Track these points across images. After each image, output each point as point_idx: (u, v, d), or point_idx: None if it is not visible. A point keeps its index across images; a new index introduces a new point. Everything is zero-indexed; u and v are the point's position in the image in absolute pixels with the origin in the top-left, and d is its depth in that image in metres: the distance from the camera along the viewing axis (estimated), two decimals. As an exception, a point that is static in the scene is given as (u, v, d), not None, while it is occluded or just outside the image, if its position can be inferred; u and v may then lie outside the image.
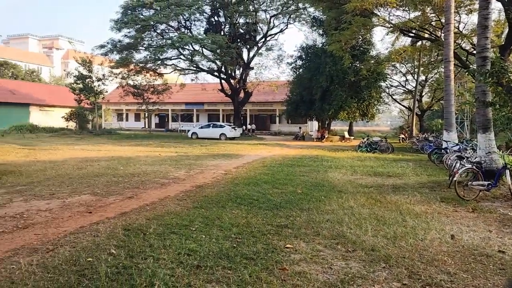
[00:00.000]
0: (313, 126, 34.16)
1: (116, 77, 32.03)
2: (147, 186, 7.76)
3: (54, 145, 17.85)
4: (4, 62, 55.83)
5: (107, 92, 35.22)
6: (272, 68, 64.53)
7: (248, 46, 32.22)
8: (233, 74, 33.07)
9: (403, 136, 28.84)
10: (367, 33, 22.18)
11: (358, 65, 24.86)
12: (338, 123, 58.41)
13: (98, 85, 30.86)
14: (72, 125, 32.63)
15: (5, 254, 3.69)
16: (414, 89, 30.08)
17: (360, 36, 22.04)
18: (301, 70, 28.45)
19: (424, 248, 4.15)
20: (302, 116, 30.44)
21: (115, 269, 3.33)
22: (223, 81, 32.96)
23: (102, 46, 29.50)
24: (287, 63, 30.69)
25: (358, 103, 26.42)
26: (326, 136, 28.29)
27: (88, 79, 30.11)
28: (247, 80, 33.53)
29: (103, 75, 31.18)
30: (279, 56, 32.61)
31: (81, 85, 30.21)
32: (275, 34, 32.53)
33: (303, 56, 28.48)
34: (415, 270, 3.54)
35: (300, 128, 33.77)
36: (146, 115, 38.96)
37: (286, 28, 31.88)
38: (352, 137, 30.15)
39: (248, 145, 21.11)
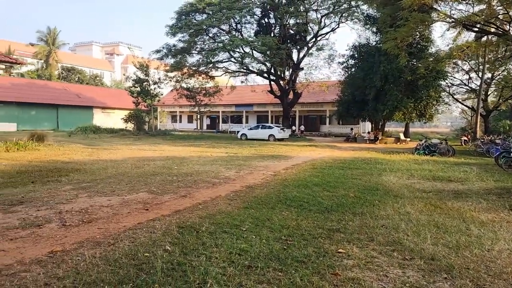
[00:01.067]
0: (365, 127, 33.07)
1: (170, 80, 33.53)
2: (199, 185, 7.98)
3: (114, 145, 19.05)
4: (71, 68, 60.90)
5: (162, 95, 37.00)
6: (323, 68, 63.69)
7: (298, 47, 32.01)
8: (282, 75, 33.06)
9: (465, 138, 26.85)
10: (426, 29, 21.00)
11: (415, 63, 23.63)
12: (393, 124, 55.95)
13: (154, 88, 32.48)
14: (130, 126, 34.65)
15: (72, 246, 3.98)
16: (478, 87, 27.89)
17: (417, 33, 20.96)
18: (353, 69, 27.69)
19: (492, 259, 3.81)
20: (354, 117, 29.61)
21: (170, 265, 3.45)
22: (272, 82, 33.08)
23: (158, 51, 31.01)
24: (339, 62, 30.00)
25: (415, 103, 25.10)
26: (379, 138, 27.22)
27: (145, 83, 31.81)
28: (297, 81, 33.33)
29: (159, 78, 32.76)
30: (330, 56, 32.03)
31: (138, 89, 32.02)
32: (326, 33, 32.01)
33: (356, 55, 27.69)
34: (481, 283, 3.25)
35: (351, 129, 32.85)
36: (198, 117, 40.28)
37: (338, 27, 31.24)
38: (408, 139, 28.72)
39: (297, 147, 20.95)
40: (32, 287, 2.94)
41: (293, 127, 37.55)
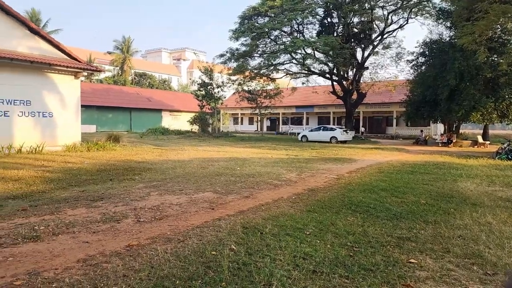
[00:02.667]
0: (437, 129, 30.86)
1: (233, 83, 34.42)
2: (261, 186, 8.07)
3: (181, 146, 20.05)
4: (143, 73, 65.50)
5: (225, 98, 38.11)
6: (389, 67, 60.67)
7: (363, 46, 30.92)
8: (345, 75, 32.18)
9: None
10: (508, 22, 18.96)
11: (495, 59, 21.46)
12: (469, 126, 51.41)
13: (218, 92, 33.59)
14: (195, 128, 36.21)
15: (146, 241, 4.25)
16: None
17: (498, 26, 19.00)
18: (423, 67, 25.99)
19: None
20: (424, 118, 27.75)
21: (236, 265, 3.52)
22: (334, 83, 32.34)
23: (221, 55, 32.03)
24: (407, 60, 28.31)
25: (496, 102, 22.79)
26: (453, 141, 25.19)
27: (209, 86, 33.04)
28: (361, 81, 32.20)
29: (222, 82, 33.81)
30: (398, 54, 30.43)
31: (203, 92, 33.35)
32: (393, 30, 30.48)
33: (427, 52, 25.94)
34: None
35: (422, 131, 30.81)
36: (259, 119, 40.82)
37: (406, 23, 29.56)
38: (488, 142, 26.16)
39: (361, 149, 20.21)
40: (112, 277, 3.20)
41: (362, 129, 36.31)
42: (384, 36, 30.59)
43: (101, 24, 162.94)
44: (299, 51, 29.27)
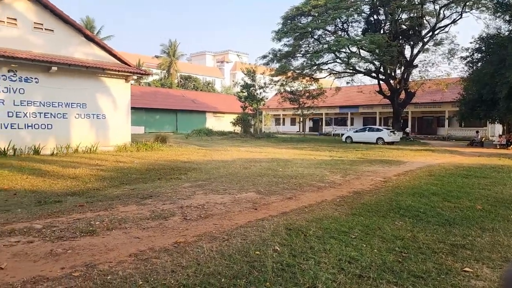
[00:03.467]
0: (495, 130, 28.80)
1: (275, 84, 34.44)
2: (304, 188, 7.99)
3: (224, 147, 20.42)
4: (188, 76, 67.59)
5: (267, 99, 38.27)
6: (441, 65, 57.44)
7: (412, 43, 29.59)
8: (393, 74, 30.98)
9: None
10: None
11: None
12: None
13: (260, 93, 33.81)
14: (238, 129, 36.72)
15: (192, 238, 4.38)
16: None
17: None
18: (479, 64, 24.32)
19: None
20: (480, 119, 25.98)
21: (279, 266, 3.52)
22: (381, 82, 31.26)
23: (264, 57, 32.18)
24: (461, 57, 26.62)
25: (562, 100, 20.77)
26: (513, 142, 23.34)
27: (251, 88, 33.35)
28: (409, 79, 30.82)
29: (264, 83, 33.98)
30: (451, 51, 28.69)
31: (245, 93, 33.73)
32: (446, 26, 28.80)
33: (483, 48, 24.26)
34: None
35: (477, 132, 28.85)
36: (301, 120, 40.51)
37: (460, 18, 27.80)
38: (554, 144, 23.94)
39: (410, 151, 19.34)
40: (161, 272, 3.33)
41: (407, 129, 34.79)
42: (435, 32, 29.03)
43: (149, 29, 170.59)
44: (344, 50, 28.63)
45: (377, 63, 29.32)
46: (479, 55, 24.64)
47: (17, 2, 14.03)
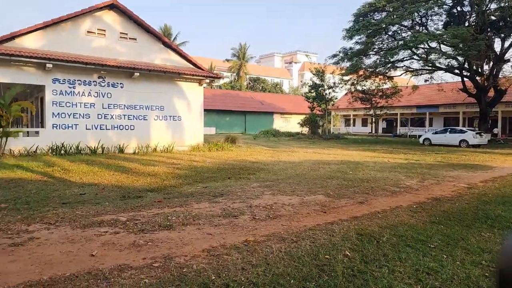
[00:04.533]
0: None
1: (345, 84, 33.42)
2: (376, 192, 7.63)
3: (292, 148, 20.38)
4: (256, 78, 68.86)
5: (336, 99, 37.31)
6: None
7: (503, 35, 26.54)
8: (479, 70, 28.11)
9: None
10: None
11: None
12: None
13: (329, 93, 33.10)
14: (305, 130, 36.36)
15: (261, 238, 4.44)
16: None
17: None
18: None
19: None
20: None
21: (350, 271, 3.40)
22: (465, 79, 28.56)
23: (334, 56, 31.39)
24: None
25: None
26: None
27: (320, 88, 32.79)
28: (499, 76, 27.68)
29: (334, 83, 33.17)
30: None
31: (314, 94, 33.26)
32: (544, 13, 25.31)
33: None
34: None
35: None
36: (373, 120, 38.74)
37: (562, 3, 24.22)
38: None
39: (499, 155, 17.37)
40: (232, 269, 3.43)
41: (495, 130, 31.34)
42: (532, 21, 25.67)
43: (221, 33, 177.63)
44: (422, 46, 26.71)
45: (460, 58, 26.82)
46: None
47: (106, 15, 15.60)
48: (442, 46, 26.22)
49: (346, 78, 32.64)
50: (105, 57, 15.24)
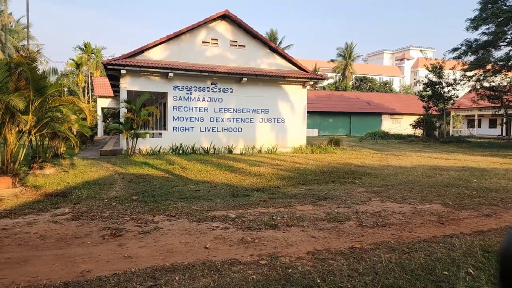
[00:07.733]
0: None
1: (469, 80, 29.56)
2: (508, 205, 6.57)
3: (403, 151, 18.89)
4: (363, 77, 65.89)
5: (457, 97, 33.30)
6: None
7: None
8: None
9: None
10: None
11: None
12: None
13: (448, 91, 29.76)
14: (419, 132, 33.35)
15: (369, 246, 4.23)
16: None
17: None
18: None
19: None
20: None
21: (474, 293, 3.00)
22: None
23: (455, 49, 28.08)
24: None
25: None
26: None
27: (437, 86, 29.72)
28: None
29: (454, 79, 29.68)
30: None
31: (430, 92, 30.29)
32: None
33: None
34: None
35: None
36: (504, 121, 33.44)
37: None
38: None
39: None
40: (338, 275, 3.35)
41: None
42: None
43: (325, 35, 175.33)
44: None
45: None
46: None
47: (218, 25, 16.86)
48: None
49: (469, 73, 28.83)
50: (216, 64, 16.50)
